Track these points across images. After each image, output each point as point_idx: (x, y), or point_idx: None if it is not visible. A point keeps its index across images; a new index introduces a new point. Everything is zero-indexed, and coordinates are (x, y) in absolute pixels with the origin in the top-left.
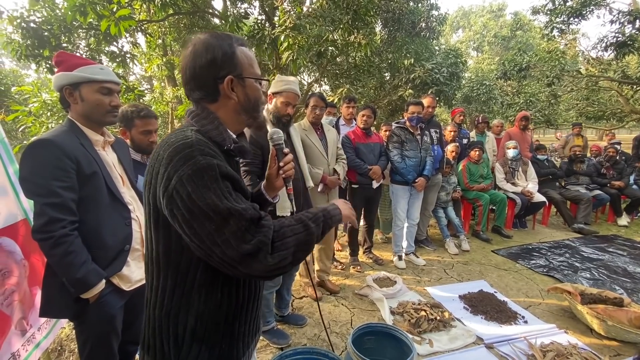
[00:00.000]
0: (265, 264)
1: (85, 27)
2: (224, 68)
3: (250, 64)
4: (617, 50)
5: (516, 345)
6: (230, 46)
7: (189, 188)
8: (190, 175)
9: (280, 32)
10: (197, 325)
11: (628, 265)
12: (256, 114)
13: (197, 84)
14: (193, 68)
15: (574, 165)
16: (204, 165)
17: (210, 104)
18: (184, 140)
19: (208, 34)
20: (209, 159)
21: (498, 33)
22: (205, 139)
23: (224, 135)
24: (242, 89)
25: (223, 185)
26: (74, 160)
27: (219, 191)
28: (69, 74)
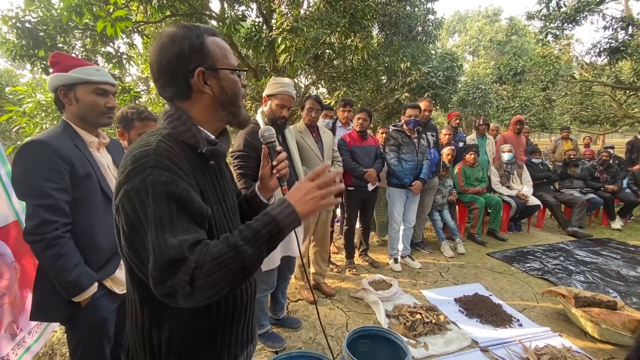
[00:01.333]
0: (187, 302)
1: (81, 28)
2: (193, 60)
3: (223, 55)
4: (610, 55)
5: (511, 349)
6: (198, 36)
7: (135, 203)
8: (137, 190)
9: (278, 35)
10: (172, 339)
11: (621, 268)
12: (235, 108)
13: (166, 80)
14: (160, 63)
15: (569, 169)
16: (151, 181)
17: (183, 101)
18: (143, 149)
19: (175, 25)
20: (160, 173)
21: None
22: (172, 145)
23: (197, 137)
24: (217, 82)
25: (165, 207)
26: (68, 161)
27: (157, 215)
28: (64, 75)
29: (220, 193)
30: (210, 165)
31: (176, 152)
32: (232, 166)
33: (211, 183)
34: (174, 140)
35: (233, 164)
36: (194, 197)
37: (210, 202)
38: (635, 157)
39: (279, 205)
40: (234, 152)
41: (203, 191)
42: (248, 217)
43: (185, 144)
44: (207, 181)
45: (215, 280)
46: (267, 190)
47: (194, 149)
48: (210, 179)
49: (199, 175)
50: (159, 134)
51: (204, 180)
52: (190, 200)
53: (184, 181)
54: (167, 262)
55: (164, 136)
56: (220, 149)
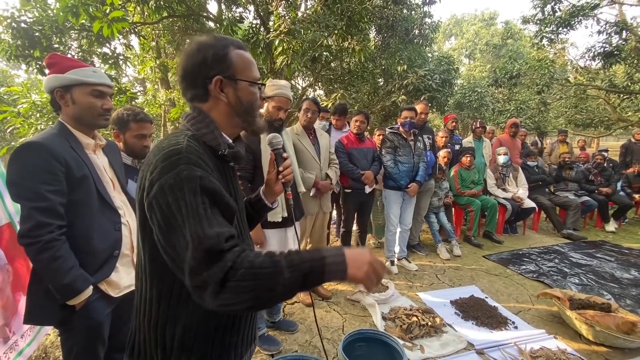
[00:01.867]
0: (212, 301)
1: (77, 28)
2: (213, 68)
3: (245, 67)
4: (604, 59)
5: (506, 351)
6: (224, 47)
7: (169, 198)
8: (171, 185)
9: (275, 37)
10: (184, 336)
11: (615, 270)
12: (250, 118)
13: (188, 83)
14: (185, 67)
15: (563, 172)
16: (186, 176)
17: (201, 103)
18: (174, 147)
19: (208, 35)
20: (193, 169)
21: (489, 41)
22: (198, 145)
23: (218, 140)
24: (234, 91)
25: (200, 200)
26: (64, 163)
27: (194, 207)
28: (61, 76)
29: (234, 194)
30: (229, 167)
31: (203, 153)
32: None
33: (229, 184)
34: (198, 141)
35: None
36: (224, 193)
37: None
38: (629, 160)
39: (334, 250)
40: None
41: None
42: (251, 219)
43: (206, 146)
44: (225, 182)
45: (245, 288)
46: (272, 195)
47: (214, 151)
48: (228, 180)
49: (220, 175)
50: (185, 135)
51: (223, 181)
52: (221, 195)
53: (214, 178)
54: (205, 251)
55: (190, 137)
56: (240, 152)
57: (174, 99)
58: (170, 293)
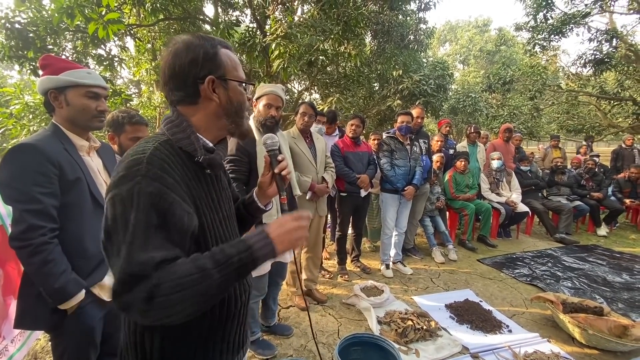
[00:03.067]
0: (142, 319)
1: (72, 30)
2: (205, 68)
3: (234, 67)
4: (595, 66)
5: (501, 355)
6: (212, 47)
7: (117, 209)
8: (122, 198)
9: (272, 41)
10: (164, 345)
11: (607, 274)
12: (239, 119)
13: (176, 84)
14: (173, 67)
15: (556, 177)
16: (138, 190)
17: (189, 106)
18: (137, 156)
19: (191, 34)
20: (149, 183)
21: (483, 47)
22: (169, 152)
23: (195, 145)
24: (225, 91)
25: (147, 218)
26: (57, 165)
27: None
28: (55, 78)
29: (215, 201)
30: (207, 174)
31: (171, 161)
32: None
33: (207, 191)
34: (171, 147)
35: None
36: (176, 211)
37: (204, 211)
38: (620, 165)
39: (257, 235)
40: (227, 157)
41: (196, 200)
42: (245, 221)
43: (182, 151)
44: (202, 189)
45: (174, 300)
46: (265, 197)
47: (191, 157)
48: (205, 187)
49: (194, 184)
50: (156, 140)
51: (199, 188)
52: (172, 213)
53: (173, 193)
54: (129, 276)
55: (161, 143)
56: (217, 158)
57: None
58: None
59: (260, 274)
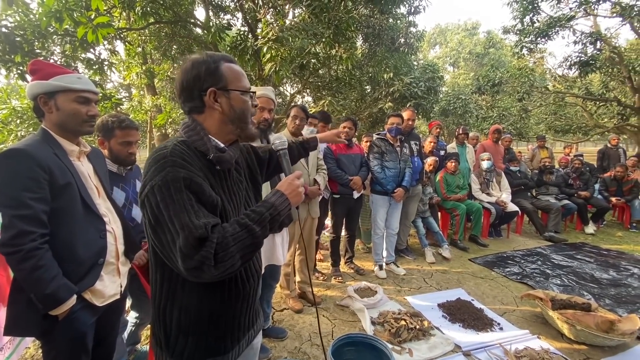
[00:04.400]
0: (211, 274)
1: (60, 33)
2: (207, 81)
3: (236, 78)
4: (580, 68)
5: (492, 352)
6: (215, 62)
7: (157, 197)
8: (159, 186)
9: (263, 44)
10: (181, 318)
11: (595, 271)
12: (243, 124)
13: (185, 97)
14: (182, 82)
15: (544, 176)
16: (171, 177)
17: (198, 115)
18: (161, 151)
19: (200, 53)
20: (178, 170)
21: (472, 50)
22: (186, 150)
23: (207, 145)
24: (227, 101)
25: (187, 197)
26: (47, 170)
27: (181, 203)
28: (45, 83)
29: (230, 191)
30: (219, 170)
31: (188, 155)
32: None
33: (220, 183)
34: (187, 147)
35: None
36: (206, 190)
37: (221, 197)
38: (606, 164)
39: (275, 194)
40: None
41: (213, 187)
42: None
43: (197, 151)
44: (216, 181)
45: (232, 252)
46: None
47: (204, 155)
48: (219, 180)
49: (209, 176)
50: (175, 140)
51: (214, 180)
52: (203, 192)
53: (198, 176)
54: (195, 240)
55: (179, 142)
56: (226, 156)
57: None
58: (171, 276)
59: None
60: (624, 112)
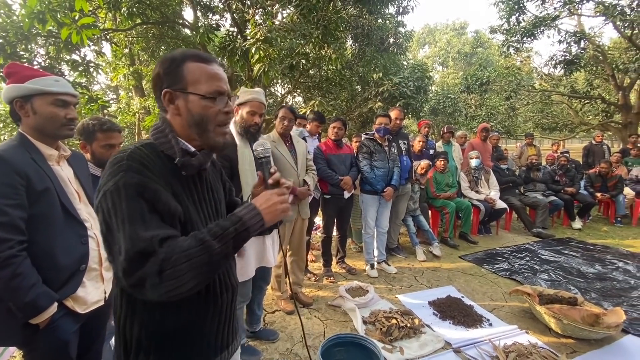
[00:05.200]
0: (154, 293)
1: (44, 35)
2: (165, 81)
3: (198, 80)
4: (565, 67)
5: (482, 348)
6: (178, 61)
7: (109, 204)
8: (111, 192)
9: (252, 45)
10: (142, 334)
11: (581, 266)
12: (201, 131)
13: (155, 94)
14: (152, 80)
15: (531, 173)
16: (123, 183)
17: (165, 114)
18: (119, 155)
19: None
20: (132, 175)
21: (461, 50)
22: (149, 153)
23: (174, 149)
24: (185, 104)
25: (138, 205)
26: (24, 176)
27: (131, 212)
28: (20, 86)
29: (198, 200)
30: (184, 176)
31: (150, 159)
32: None
33: (187, 189)
34: (153, 149)
35: None
36: (162, 197)
37: (187, 206)
38: (591, 161)
39: (247, 208)
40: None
41: (177, 194)
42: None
43: (164, 154)
44: (182, 187)
45: (181, 271)
46: None
47: (171, 159)
48: (187, 186)
49: (175, 181)
50: (139, 143)
51: (180, 186)
52: (158, 200)
53: (155, 182)
54: (137, 254)
55: (144, 145)
56: (194, 161)
57: (149, 107)
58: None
59: (245, 279)
60: (608, 110)
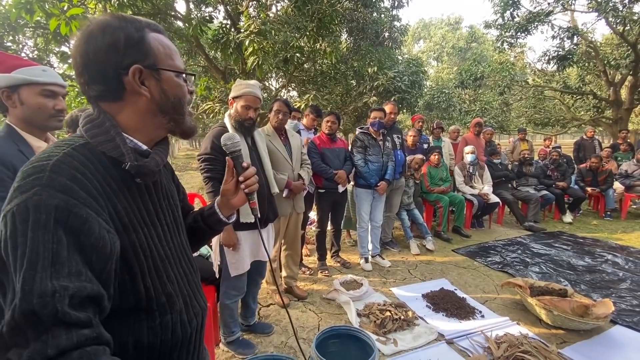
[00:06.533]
0: None
1: (32, 26)
2: (128, 55)
3: (168, 55)
4: (558, 63)
5: (474, 339)
6: (137, 29)
7: (7, 230)
8: (14, 214)
9: (245, 37)
10: None
11: (571, 258)
12: (178, 116)
13: (92, 75)
14: (86, 54)
15: (524, 168)
16: (35, 204)
17: (111, 103)
18: (40, 162)
19: (110, 14)
20: (51, 194)
21: (455, 44)
22: (84, 159)
23: (121, 149)
24: (157, 84)
25: (50, 238)
26: (11, 168)
27: (35, 246)
28: (7, 76)
29: (152, 213)
30: (139, 185)
31: (88, 169)
32: (199, 169)
33: (139, 203)
34: (90, 152)
35: (200, 167)
36: (93, 229)
37: (136, 227)
38: (582, 156)
39: None
40: (201, 155)
41: (124, 215)
42: (203, 234)
43: (106, 157)
44: (131, 202)
45: None
46: (229, 208)
47: (117, 163)
48: (138, 199)
49: (121, 197)
50: (69, 144)
51: (128, 201)
52: (88, 232)
53: (86, 207)
54: (29, 312)
55: (77, 147)
56: (150, 163)
57: None
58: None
59: (240, 273)
60: (599, 105)
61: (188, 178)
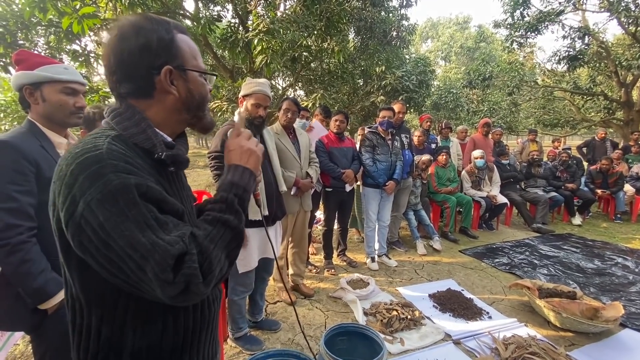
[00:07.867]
0: (201, 291)
1: (44, 24)
2: (160, 56)
3: (193, 56)
4: (569, 63)
5: (481, 340)
6: (167, 31)
7: (100, 217)
8: (100, 201)
9: (254, 36)
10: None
11: (580, 261)
12: (201, 112)
13: (125, 74)
14: (120, 54)
15: (533, 169)
16: (117, 187)
17: (141, 100)
18: (92, 152)
19: (141, 15)
20: (125, 177)
21: (464, 44)
22: (124, 148)
23: (153, 141)
24: (184, 83)
25: (145, 209)
26: (34, 163)
27: (140, 219)
28: (30, 73)
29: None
30: (169, 172)
31: (130, 155)
32: (209, 167)
33: (173, 188)
34: (124, 143)
35: (210, 165)
36: (167, 197)
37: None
38: (590, 156)
39: (228, 172)
40: (211, 153)
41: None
42: None
43: (138, 148)
44: (168, 186)
45: (217, 256)
46: None
47: (149, 154)
48: (171, 184)
49: (161, 180)
50: (105, 135)
51: (167, 185)
52: (165, 200)
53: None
54: (173, 259)
55: (113, 138)
56: (180, 154)
57: None
58: (113, 318)
59: (247, 270)
60: (610, 106)
61: (195, 176)
